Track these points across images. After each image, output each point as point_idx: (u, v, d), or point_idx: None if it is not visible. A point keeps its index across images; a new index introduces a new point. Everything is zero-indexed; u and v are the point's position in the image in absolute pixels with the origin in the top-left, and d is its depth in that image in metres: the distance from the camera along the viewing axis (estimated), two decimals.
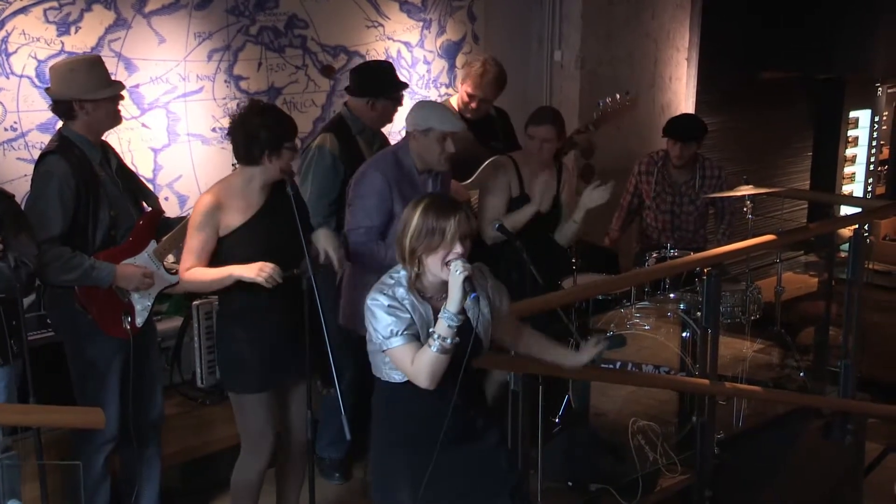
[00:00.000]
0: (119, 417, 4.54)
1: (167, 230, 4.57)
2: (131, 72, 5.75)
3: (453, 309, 3.33)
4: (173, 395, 5.66)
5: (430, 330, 3.40)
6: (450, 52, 7.34)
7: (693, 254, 5.81)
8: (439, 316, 3.37)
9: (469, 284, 3.32)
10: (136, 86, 5.77)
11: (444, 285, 3.44)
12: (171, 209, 5.75)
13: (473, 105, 5.85)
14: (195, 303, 5.54)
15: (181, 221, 4.56)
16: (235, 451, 4.48)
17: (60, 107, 4.38)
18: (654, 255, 6.21)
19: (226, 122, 4.24)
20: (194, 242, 4.15)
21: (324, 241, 4.27)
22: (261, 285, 4.05)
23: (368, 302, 3.48)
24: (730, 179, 6.87)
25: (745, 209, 6.49)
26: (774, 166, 10.01)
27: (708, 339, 5.36)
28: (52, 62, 5.33)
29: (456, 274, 3.33)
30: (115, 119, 4.51)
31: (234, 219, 4.15)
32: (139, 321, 4.53)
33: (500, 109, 6.13)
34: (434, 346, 3.35)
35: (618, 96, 6.16)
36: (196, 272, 4.15)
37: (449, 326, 3.33)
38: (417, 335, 3.45)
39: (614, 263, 6.90)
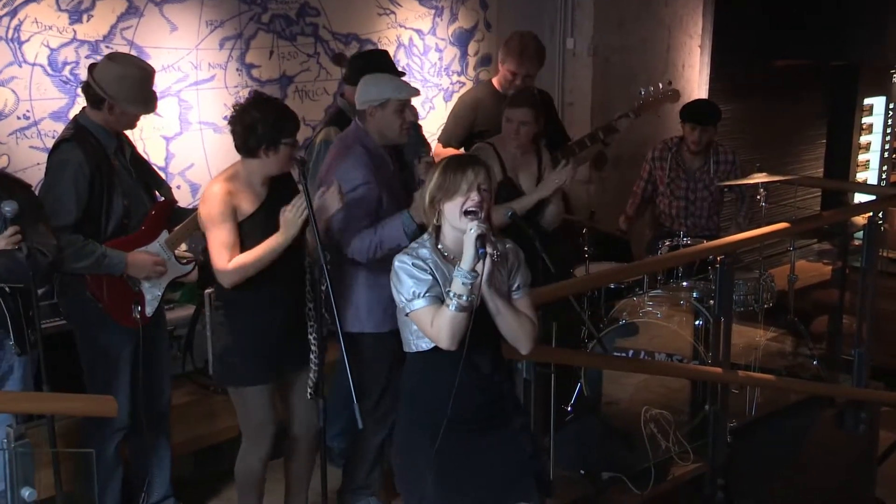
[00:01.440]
0: (129, 406, 4.55)
1: (179, 220, 4.57)
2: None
3: (466, 266, 3.36)
4: (185, 384, 5.67)
5: (447, 289, 3.41)
6: (462, 40, 7.31)
7: (706, 241, 5.80)
8: (454, 274, 3.39)
9: (480, 242, 3.34)
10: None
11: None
12: (182, 198, 5.74)
13: (518, 82, 5.85)
14: (207, 291, 5.54)
15: (194, 211, 4.56)
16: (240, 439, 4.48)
17: (92, 95, 4.37)
18: (667, 242, 6.20)
19: (231, 113, 4.21)
20: (222, 235, 4.09)
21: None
22: (262, 275, 4.07)
23: (395, 265, 3.52)
24: (743, 166, 6.84)
25: (758, 197, 6.47)
26: (788, 154, 9.96)
27: (721, 328, 5.34)
28: (64, 51, 5.36)
29: (470, 232, 3.36)
30: (133, 125, 4.53)
31: (244, 207, 4.14)
32: (149, 310, 4.53)
33: (543, 92, 6.17)
34: (451, 304, 3.37)
35: (660, 85, 6.18)
36: (241, 260, 4.08)
37: (463, 284, 3.35)
38: (440, 296, 3.46)
39: (627, 252, 6.88)
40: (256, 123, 4.04)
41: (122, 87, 4.32)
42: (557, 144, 5.87)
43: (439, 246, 3.56)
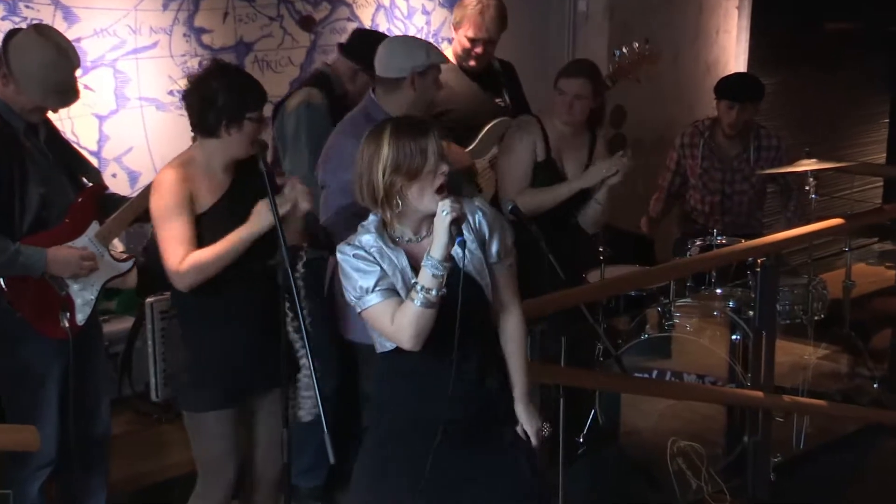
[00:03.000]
0: (57, 436, 4.53)
1: (112, 209, 4.56)
2: (71, 22, 5.73)
3: (438, 255, 3.33)
4: (123, 411, 5.67)
5: (413, 281, 3.41)
6: (453, 0, 7.33)
7: (744, 241, 5.80)
8: (422, 264, 3.37)
9: (456, 228, 3.32)
10: (77, 40, 5.74)
11: (424, 221, 3.49)
12: (119, 188, 5.72)
13: (478, 50, 5.85)
14: (149, 300, 5.50)
15: (129, 200, 4.55)
16: (194, 477, 4.45)
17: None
18: (698, 242, 6.19)
19: (185, 85, 4.21)
20: (176, 229, 4.05)
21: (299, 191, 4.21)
22: (224, 279, 4.06)
23: (338, 258, 3.51)
24: (789, 152, 6.86)
25: (807, 188, 6.48)
26: (843, 136, 9.99)
27: (762, 344, 5.35)
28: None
29: (443, 215, 3.32)
30: (36, 116, 4.50)
31: (202, 199, 4.11)
32: (80, 318, 4.50)
33: (504, 62, 6.13)
34: (417, 299, 3.35)
35: (635, 45, 6.16)
36: (198, 257, 4.04)
37: (434, 276, 3.34)
38: (394, 289, 3.46)
39: (650, 253, 6.89)
40: (216, 95, 4.03)
41: (29, 65, 4.30)
42: None
43: (391, 230, 3.54)
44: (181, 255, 4.03)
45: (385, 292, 3.45)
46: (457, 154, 5.38)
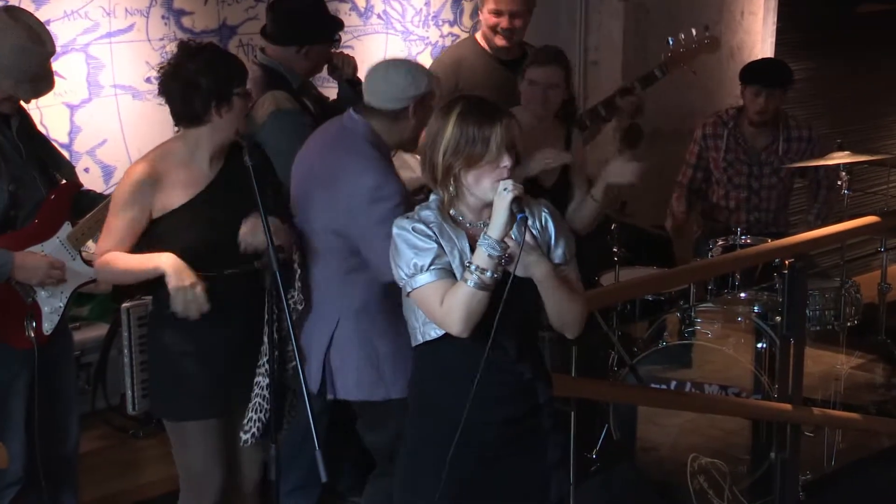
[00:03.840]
0: (24, 454, 4.54)
1: (87, 209, 4.57)
2: (40, 4, 5.73)
3: (496, 234, 3.39)
4: (96, 425, 5.68)
5: (467, 262, 3.45)
6: None
7: (770, 240, 5.80)
8: (478, 243, 3.42)
9: (517, 206, 3.37)
10: (47, 22, 5.72)
11: (486, 209, 3.52)
12: (93, 184, 5.73)
13: (504, 23, 5.89)
14: (125, 305, 5.50)
15: (106, 198, 4.56)
16: (173, 497, 4.48)
17: None
18: (720, 242, 6.20)
19: (159, 76, 4.21)
20: (118, 222, 4.15)
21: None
22: (211, 279, 4.08)
23: (393, 232, 3.56)
24: (820, 144, 6.86)
25: (839, 182, 6.48)
26: (877, 127, 9.99)
27: (790, 352, 5.35)
28: None
29: (503, 193, 3.38)
30: (7, 107, 4.51)
31: (173, 197, 4.14)
32: (47, 327, 4.52)
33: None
34: (471, 279, 3.40)
35: (693, 32, 6.14)
36: (112, 258, 4.14)
37: (490, 256, 3.38)
38: (449, 270, 3.51)
39: (668, 253, 6.90)
40: (198, 77, 4.06)
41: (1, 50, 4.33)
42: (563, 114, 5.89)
43: (452, 211, 3.60)
44: (104, 247, 4.16)
45: (439, 271, 3.49)
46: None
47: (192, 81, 4.07)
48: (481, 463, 3.62)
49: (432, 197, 3.62)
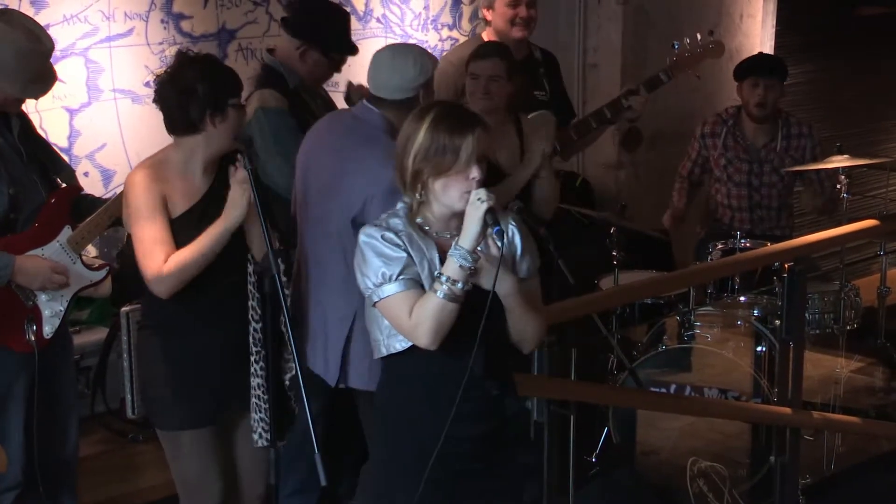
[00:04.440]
0: (23, 457, 4.54)
1: (87, 212, 4.57)
2: (39, 8, 5.74)
3: (467, 245, 3.39)
4: (95, 429, 5.68)
5: (437, 272, 3.45)
6: None
7: (770, 243, 5.81)
8: (448, 253, 3.42)
9: (491, 217, 3.37)
10: (46, 27, 5.73)
11: (453, 219, 3.53)
12: (92, 188, 5.73)
13: (523, 13, 5.92)
14: (125, 309, 5.51)
15: (106, 202, 4.56)
16: (173, 501, 4.48)
17: None
18: (720, 245, 6.21)
19: (156, 84, 4.21)
20: (154, 230, 4.06)
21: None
22: (197, 287, 4.08)
23: (360, 239, 3.55)
24: (822, 144, 6.87)
25: (838, 185, 6.49)
26: (877, 130, 9.99)
27: (790, 356, 5.35)
28: None
29: (477, 202, 3.39)
30: (13, 108, 4.53)
31: (173, 206, 4.14)
32: (47, 331, 4.52)
33: (546, 52, 6.22)
34: (440, 290, 3.39)
35: (698, 37, 6.15)
36: (180, 258, 4.05)
37: (461, 267, 3.38)
38: (418, 280, 3.50)
39: (668, 256, 6.90)
40: (194, 85, 4.06)
41: (2, 58, 4.33)
42: (562, 118, 5.90)
43: (419, 220, 3.58)
44: (162, 257, 4.05)
45: (408, 282, 3.48)
46: None
47: (188, 89, 4.07)
48: (452, 477, 3.60)
49: (399, 204, 3.61)
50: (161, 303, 4.17)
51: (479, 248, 3.42)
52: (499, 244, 3.40)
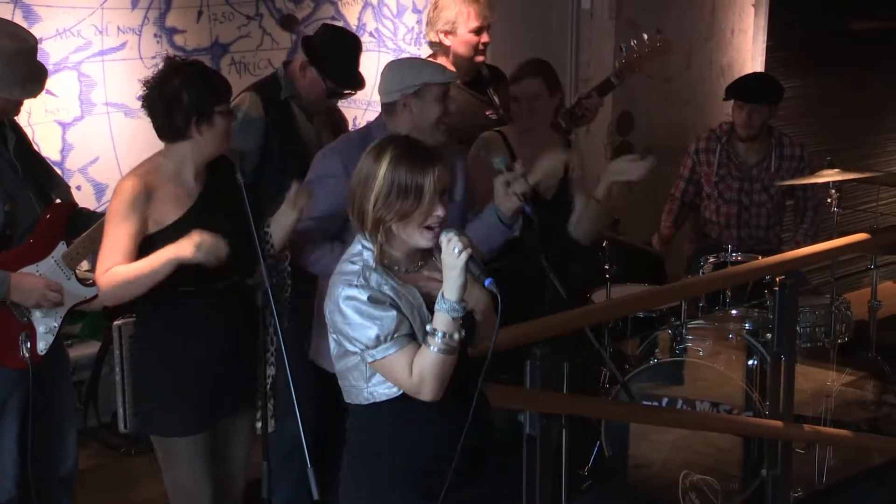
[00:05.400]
0: (18, 473, 4.55)
1: (82, 228, 4.58)
2: (32, 22, 5.75)
3: (454, 297, 3.32)
4: (89, 443, 5.68)
5: (428, 327, 3.38)
6: None
7: (761, 257, 5.82)
8: (436, 308, 3.35)
9: (476, 266, 3.32)
10: (39, 41, 5.76)
11: (417, 252, 3.48)
12: (85, 202, 5.72)
13: (485, 39, 5.82)
14: (116, 322, 5.51)
15: (100, 218, 4.57)
16: None
17: None
18: (711, 259, 6.22)
19: (143, 90, 4.23)
20: (118, 236, 4.10)
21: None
22: (193, 293, 4.11)
23: (340, 301, 3.42)
24: (812, 161, 6.89)
25: (829, 200, 6.50)
26: (868, 144, 10.01)
27: (781, 369, 5.37)
28: None
29: (454, 252, 3.30)
30: (12, 112, 4.55)
31: (165, 213, 4.15)
32: (41, 346, 4.53)
33: (493, 68, 6.09)
34: (436, 346, 3.33)
35: (645, 37, 6.14)
36: (118, 272, 4.07)
37: (453, 319, 3.33)
38: (410, 333, 3.43)
39: (660, 270, 6.92)
40: (180, 92, 4.08)
41: None
42: None
43: (385, 262, 3.48)
44: (107, 264, 4.09)
45: (402, 338, 3.40)
46: None
47: (173, 96, 4.09)
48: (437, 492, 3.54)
49: (358, 247, 3.49)
50: (155, 312, 4.20)
51: (434, 258, 3.42)
52: (498, 303, 3.34)
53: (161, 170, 4.20)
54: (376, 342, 3.38)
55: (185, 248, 4.02)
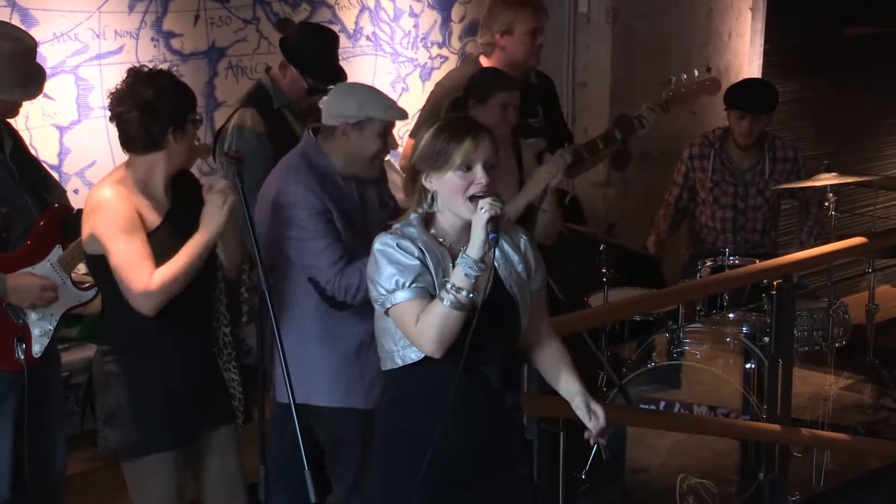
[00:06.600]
0: (11, 475, 4.55)
1: (79, 232, 4.55)
2: (29, 25, 5.73)
3: (474, 254, 3.39)
4: (84, 447, 5.65)
5: (443, 279, 3.45)
6: (443, 3, 7.35)
7: (758, 261, 5.82)
8: (456, 262, 3.43)
9: (492, 225, 3.38)
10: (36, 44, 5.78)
11: (465, 230, 3.52)
12: (81, 205, 5.67)
13: (540, 41, 5.93)
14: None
15: None
16: None
17: None
18: (709, 263, 6.22)
19: (112, 103, 4.16)
20: (136, 247, 4.01)
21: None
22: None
23: (375, 247, 3.56)
24: (807, 165, 6.89)
25: (826, 204, 6.50)
26: (865, 148, 10.02)
27: (779, 373, 5.36)
28: None
29: (481, 212, 3.40)
30: (10, 114, 4.56)
31: (147, 219, 4.10)
32: (36, 349, 4.53)
33: (543, 75, 6.19)
34: (446, 298, 3.40)
35: (696, 73, 6.19)
36: (166, 272, 4.00)
37: (466, 276, 3.39)
38: (429, 289, 3.50)
39: (657, 274, 6.91)
40: (156, 102, 4.03)
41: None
42: (557, 144, 5.88)
43: (432, 231, 3.60)
44: (148, 273, 4.00)
45: (419, 290, 3.49)
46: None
47: (151, 107, 4.02)
48: (458, 489, 3.62)
49: (413, 215, 3.62)
50: (118, 325, 4.16)
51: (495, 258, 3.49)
52: (492, 253, 3.43)
53: (130, 180, 4.12)
54: (395, 286, 3.49)
55: (210, 226, 4.03)
